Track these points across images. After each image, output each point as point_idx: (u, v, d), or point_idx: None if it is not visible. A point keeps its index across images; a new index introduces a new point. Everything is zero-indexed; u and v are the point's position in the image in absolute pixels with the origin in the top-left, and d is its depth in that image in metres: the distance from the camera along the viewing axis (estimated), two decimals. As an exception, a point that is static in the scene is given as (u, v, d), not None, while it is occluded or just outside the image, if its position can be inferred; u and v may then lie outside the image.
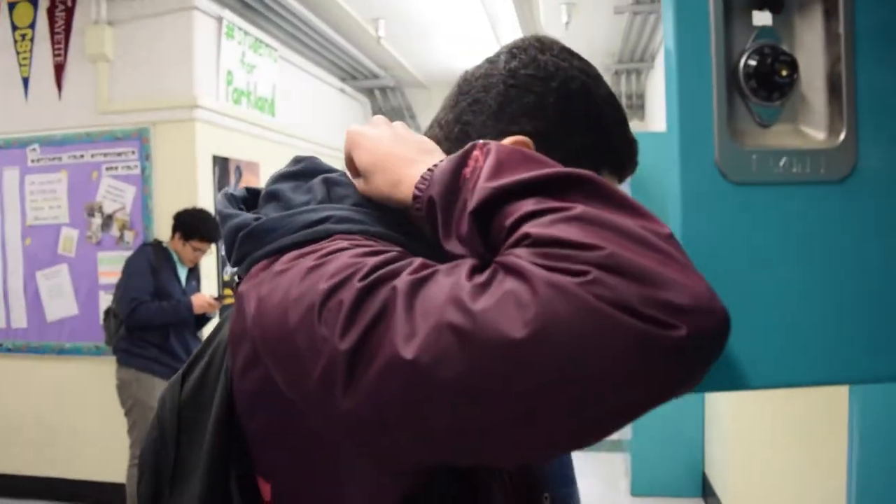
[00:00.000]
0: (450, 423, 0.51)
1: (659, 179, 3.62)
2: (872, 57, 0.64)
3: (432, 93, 7.53)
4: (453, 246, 0.60)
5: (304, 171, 0.79)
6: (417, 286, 0.53)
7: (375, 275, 0.55)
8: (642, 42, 5.99)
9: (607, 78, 7.60)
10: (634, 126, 5.24)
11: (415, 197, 0.65)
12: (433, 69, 6.87)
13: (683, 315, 0.47)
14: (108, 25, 4.24)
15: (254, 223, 0.71)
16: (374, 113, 7.64)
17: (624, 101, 7.21)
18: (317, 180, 0.76)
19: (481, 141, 0.62)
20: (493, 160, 0.59)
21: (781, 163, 0.63)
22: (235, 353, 0.68)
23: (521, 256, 0.51)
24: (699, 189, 0.63)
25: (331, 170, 0.80)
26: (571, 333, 0.46)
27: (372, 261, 0.57)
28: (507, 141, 0.73)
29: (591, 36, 5.94)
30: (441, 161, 0.65)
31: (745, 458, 3.70)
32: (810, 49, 0.66)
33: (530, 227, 0.52)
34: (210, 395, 0.73)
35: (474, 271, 0.53)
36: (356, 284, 0.55)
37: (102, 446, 4.24)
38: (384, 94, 7.52)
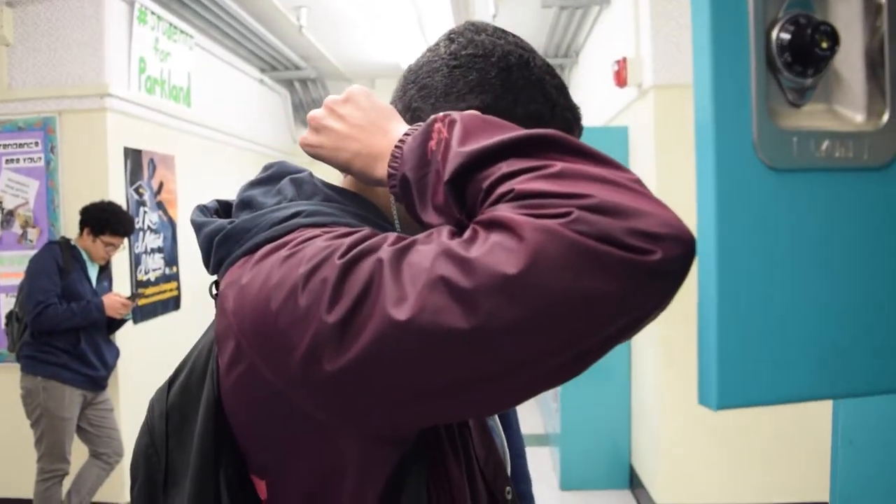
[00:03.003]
0: (454, 371, 0.54)
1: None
2: (917, 30, 0.58)
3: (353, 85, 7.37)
4: (430, 217, 0.63)
5: (272, 175, 0.81)
6: (401, 254, 0.56)
7: (355, 250, 0.58)
8: (567, 37, 6.01)
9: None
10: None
11: (389, 176, 0.68)
12: (356, 61, 6.72)
13: (657, 241, 0.52)
14: (6, 6, 3.93)
15: (228, 227, 0.73)
16: (294, 105, 7.43)
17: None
18: (285, 181, 0.78)
19: (441, 114, 0.66)
20: (459, 129, 0.62)
21: (824, 146, 0.57)
22: (221, 351, 0.69)
23: (502, 210, 0.55)
24: (736, 175, 0.55)
25: (298, 170, 0.82)
26: (561, 265, 0.51)
27: (348, 240, 0.60)
28: None
29: (516, 30, 5.90)
30: (404, 137, 0.68)
31: (671, 449, 3.75)
32: (846, 20, 0.59)
33: (511, 185, 0.56)
34: (195, 400, 0.74)
35: (454, 234, 0.57)
36: (336, 262, 0.57)
37: (7, 461, 3.95)
38: (304, 86, 7.31)
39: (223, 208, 0.83)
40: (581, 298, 0.51)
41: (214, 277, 0.77)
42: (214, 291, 0.75)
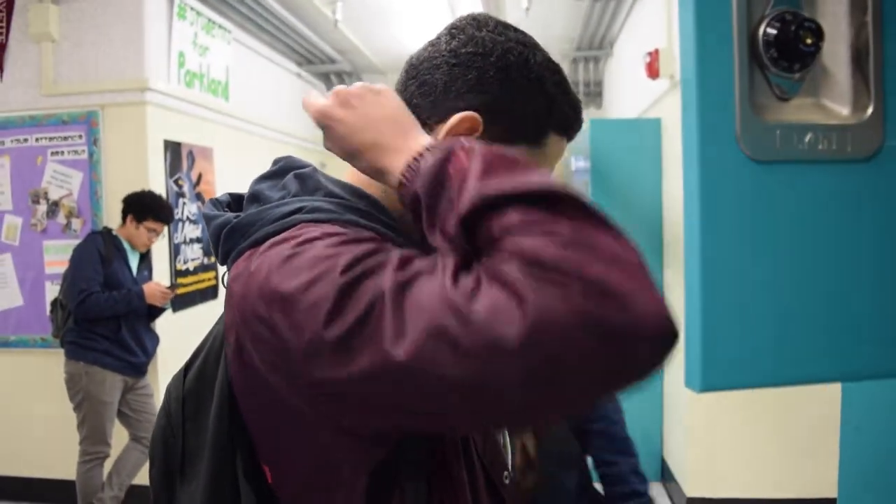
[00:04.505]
0: (430, 412, 0.59)
1: (617, 164, 3.62)
2: (901, 25, 0.60)
3: (389, 78, 7.40)
4: (436, 240, 0.64)
5: (279, 170, 0.84)
6: (404, 287, 0.57)
7: (357, 269, 0.59)
8: (601, 29, 5.97)
9: (565, 65, 7.63)
10: (591, 114, 5.29)
11: (401, 185, 0.69)
12: (390, 54, 6.76)
13: (646, 323, 0.53)
14: (52, 3, 4.04)
15: (234, 220, 0.76)
16: (331, 98, 7.49)
17: (581, 89, 7.20)
18: (289, 177, 0.81)
19: (464, 140, 0.66)
20: (479, 164, 0.62)
21: (807, 139, 0.59)
22: (228, 340, 0.72)
23: (509, 268, 0.55)
24: (719, 166, 0.57)
25: (304, 165, 0.84)
26: (558, 337, 0.53)
27: (349, 254, 0.61)
28: (455, 118, 0.78)
29: (550, 22, 5.90)
30: (425, 151, 0.68)
31: (701, 443, 3.74)
32: (833, 17, 0.61)
33: (519, 241, 0.56)
34: (210, 385, 0.78)
35: (459, 273, 0.57)
36: (337, 278, 0.59)
37: (51, 442, 4.08)
38: (341, 80, 7.37)
39: (235, 201, 0.86)
40: (563, 370, 0.54)
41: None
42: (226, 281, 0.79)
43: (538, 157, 0.83)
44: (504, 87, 0.80)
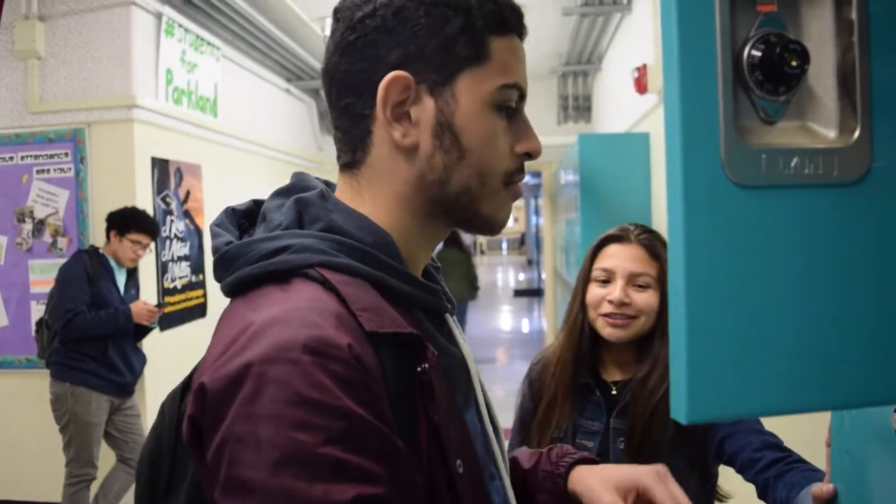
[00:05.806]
0: None
1: (606, 179, 3.60)
2: (888, 47, 0.58)
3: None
4: None
5: (289, 188, 0.80)
6: None
7: None
8: (589, 44, 6.00)
9: (553, 80, 7.61)
10: (580, 128, 5.27)
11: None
12: (380, 70, 6.77)
13: None
14: (38, 20, 4.04)
15: (224, 249, 0.74)
16: (320, 114, 7.49)
17: (570, 103, 7.23)
18: (290, 202, 0.76)
19: None
20: None
21: (793, 163, 0.57)
22: (192, 388, 0.67)
23: None
24: (704, 192, 0.56)
25: (310, 187, 0.79)
26: None
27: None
28: (380, 90, 0.72)
29: (539, 38, 5.92)
30: None
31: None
32: (818, 38, 0.60)
33: None
34: None
35: None
36: None
37: (36, 465, 4.04)
38: (330, 95, 7.37)
39: (258, 207, 0.82)
40: None
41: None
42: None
43: (494, 70, 0.75)
44: (411, 31, 0.73)
